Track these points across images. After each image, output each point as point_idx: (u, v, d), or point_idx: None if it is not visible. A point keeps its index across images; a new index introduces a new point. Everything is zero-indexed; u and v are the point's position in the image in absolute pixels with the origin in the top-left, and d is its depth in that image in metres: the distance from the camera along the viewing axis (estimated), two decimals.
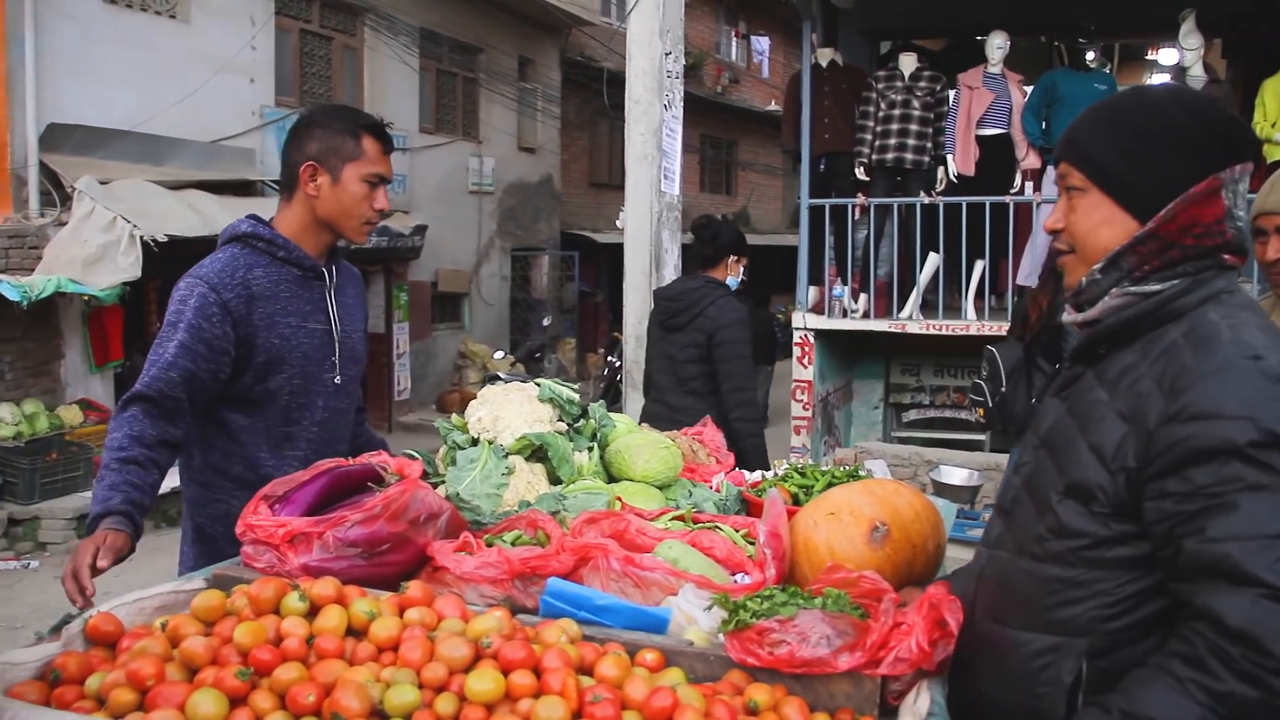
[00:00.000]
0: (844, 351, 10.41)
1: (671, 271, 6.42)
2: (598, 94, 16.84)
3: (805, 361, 9.67)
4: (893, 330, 9.61)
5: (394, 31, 14.95)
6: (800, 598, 1.84)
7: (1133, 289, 1.76)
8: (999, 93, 9.12)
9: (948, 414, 10.75)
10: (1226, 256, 1.75)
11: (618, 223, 6.63)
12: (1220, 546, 1.54)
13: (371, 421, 10.46)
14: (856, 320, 9.70)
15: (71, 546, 9.18)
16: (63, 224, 10.08)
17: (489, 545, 2.20)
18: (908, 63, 9.34)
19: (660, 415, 4.99)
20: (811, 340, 9.65)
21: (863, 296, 9.70)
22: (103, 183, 10.26)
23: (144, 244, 9.69)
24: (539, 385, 2.88)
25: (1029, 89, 9.27)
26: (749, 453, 4.79)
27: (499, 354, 16.42)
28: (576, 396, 2.92)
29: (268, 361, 2.83)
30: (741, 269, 5.28)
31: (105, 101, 10.85)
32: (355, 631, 1.76)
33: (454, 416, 2.82)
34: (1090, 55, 9.94)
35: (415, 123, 15.71)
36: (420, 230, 14.77)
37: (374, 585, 2.04)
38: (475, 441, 2.75)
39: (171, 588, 2.08)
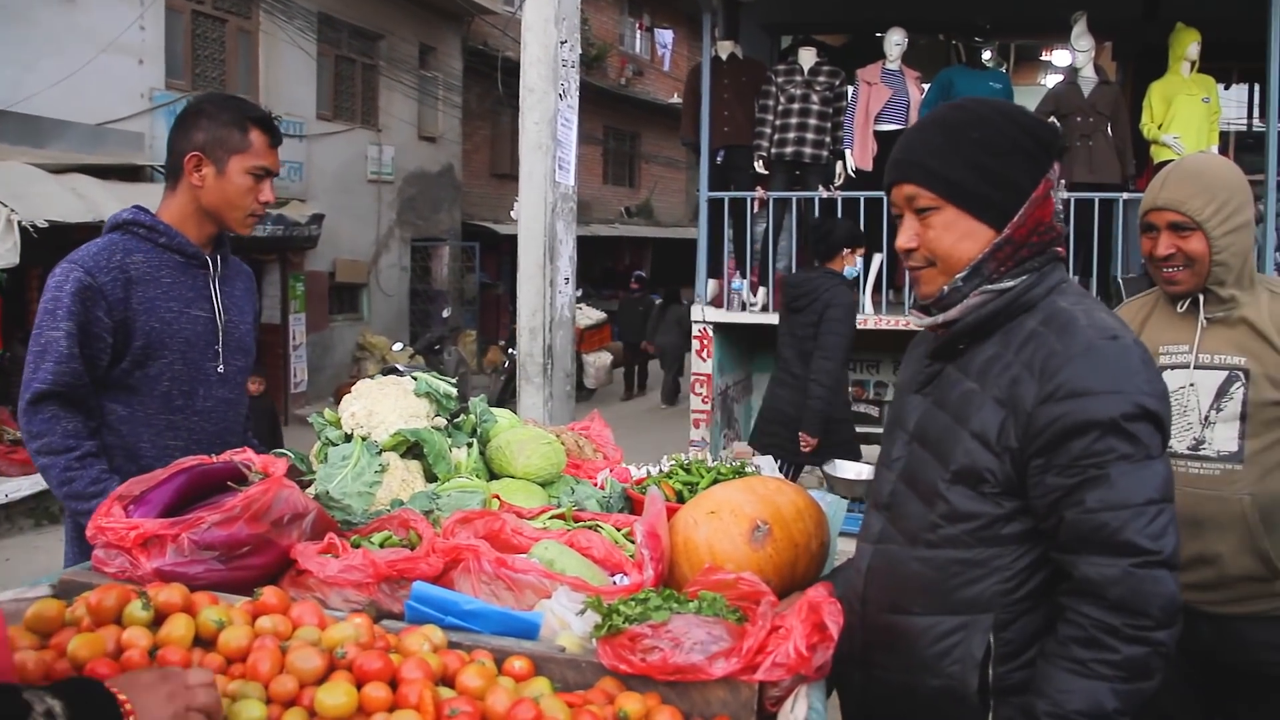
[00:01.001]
0: (744, 345, 10.42)
1: (565, 264, 6.34)
2: (499, 83, 16.66)
3: (704, 355, 9.65)
4: None
5: (290, 15, 14.59)
6: (675, 601, 1.78)
7: (989, 288, 1.88)
8: (897, 89, 9.19)
9: None
10: (1058, 249, 1.92)
11: (512, 214, 6.51)
12: (1097, 516, 1.70)
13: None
14: (756, 313, 9.70)
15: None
16: None
17: (355, 547, 2.11)
18: (807, 57, 9.36)
19: (785, 383, 6.32)
20: (710, 333, 9.63)
21: (762, 290, 9.71)
22: None
23: (23, 229, 9.30)
24: (416, 379, 2.79)
25: (926, 86, 9.37)
26: (809, 412, 6.05)
27: (398, 346, 16.14)
28: (454, 391, 2.83)
29: (146, 346, 2.77)
30: (858, 259, 6.43)
31: None
32: (204, 641, 1.65)
33: (326, 411, 2.72)
34: (986, 55, 10.08)
35: (313, 109, 15.36)
36: (317, 219, 14.46)
37: (233, 590, 1.94)
38: (349, 437, 2.64)
39: (13, 595, 1.96)
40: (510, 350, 15.49)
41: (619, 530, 2.41)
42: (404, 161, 17.59)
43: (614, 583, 2.14)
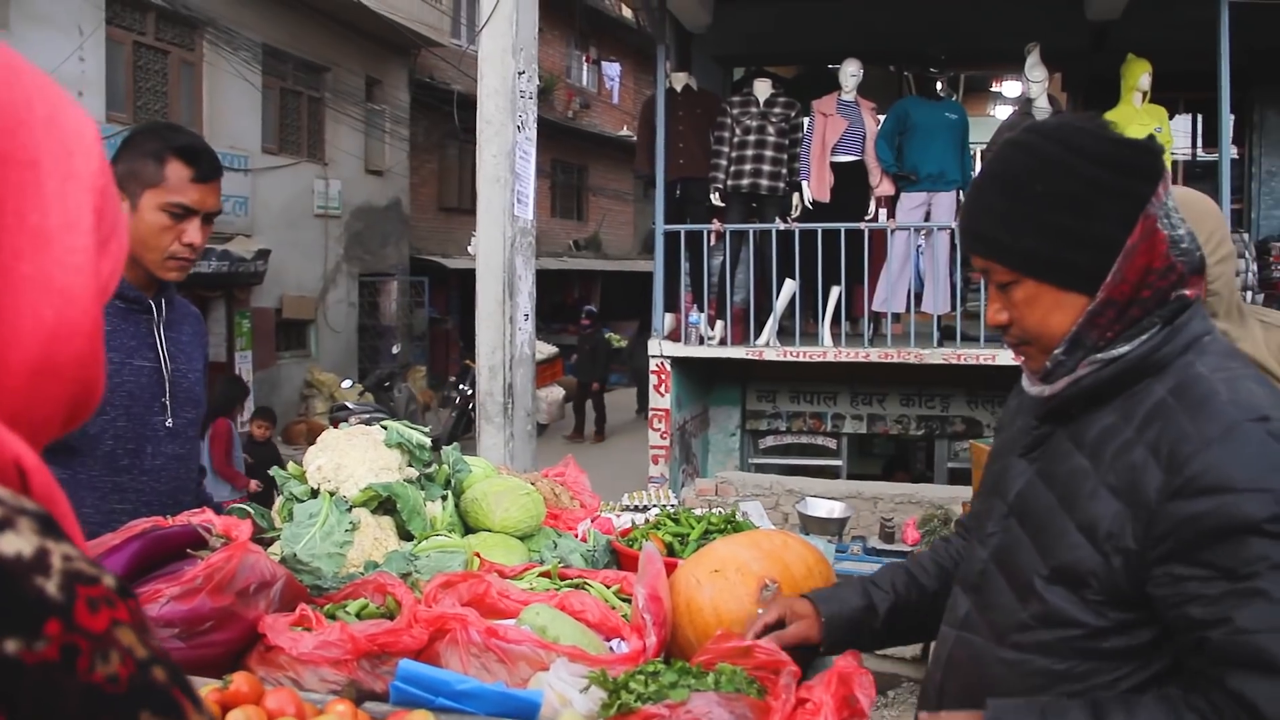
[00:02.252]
0: (700, 378, 10.32)
1: (525, 300, 6.18)
2: (447, 116, 16.48)
3: (662, 390, 9.53)
4: (750, 358, 9.56)
5: (235, 47, 14.35)
6: (690, 675, 1.62)
7: (1100, 356, 1.57)
8: (852, 120, 9.17)
9: (804, 440, 10.76)
10: (1187, 292, 1.56)
11: (469, 249, 6.35)
12: (1253, 639, 1.35)
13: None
14: (714, 347, 9.60)
15: None
16: None
17: (330, 618, 1.93)
18: (762, 89, 9.32)
19: None
20: (668, 368, 9.51)
21: (719, 323, 9.62)
22: None
23: None
24: (385, 428, 2.61)
25: (882, 117, 9.35)
26: None
27: (347, 383, 15.87)
28: (428, 441, 2.65)
29: None
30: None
31: None
32: None
33: (290, 465, 2.53)
34: (939, 85, 10.11)
35: (258, 143, 15.11)
36: (263, 255, 14.19)
37: (196, 670, 1.75)
38: (315, 493, 2.46)
39: None
40: (461, 385, 15.28)
41: (608, 588, 2.25)
42: (351, 195, 17.36)
43: (611, 649, 1.98)
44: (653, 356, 9.58)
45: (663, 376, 9.55)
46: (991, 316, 1.67)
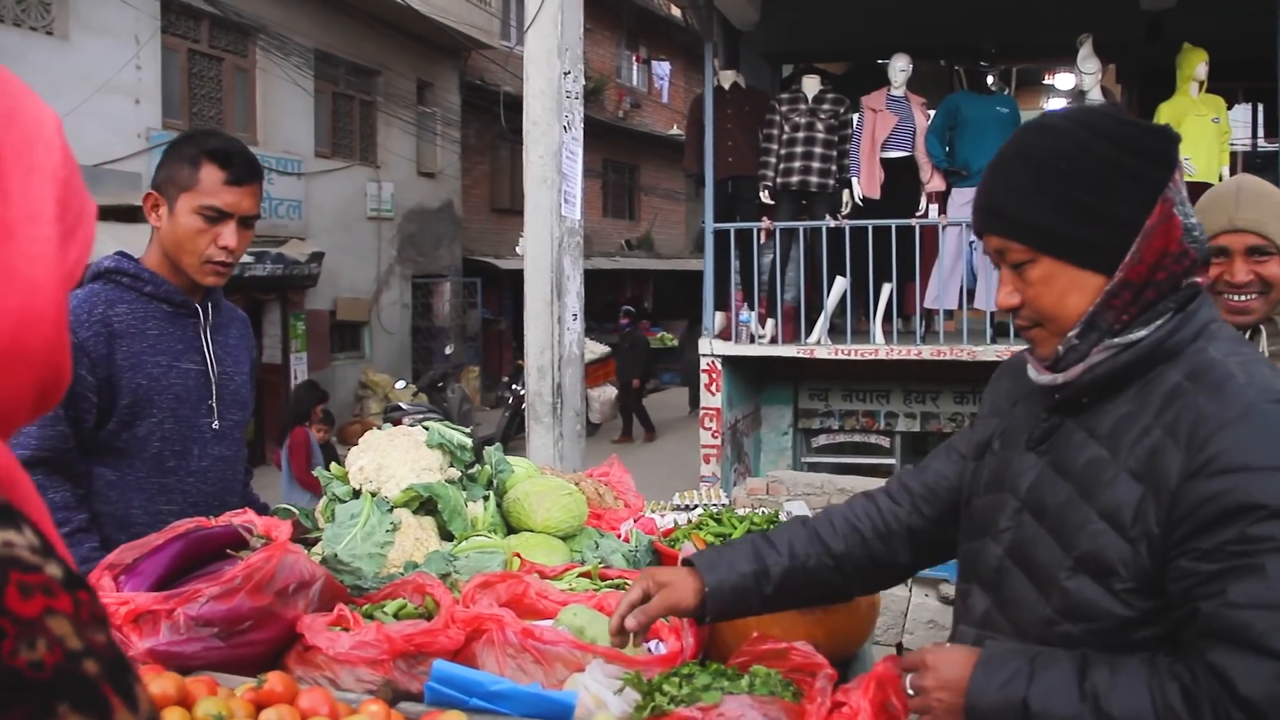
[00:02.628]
0: (752, 377, 10.26)
1: (573, 300, 6.18)
2: (499, 118, 16.58)
3: (713, 389, 9.48)
4: (801, 356, 9.49)
5: (287, 53, 14.51)
6: (725, 678, 1.61)
7: (1114, 341, 1.54)
8: (902, 115, 9.08)
9: (857, 438, 10.66)
10: (1197, 280, 1.55)
11: (517, 249, 6.37)
12: (1241, 614, 1.34)
13: (269, 456, 10.01)
14: (764, 346, 9.55)
15: None
16: None
17: (368, 618, 1.94)
18: (811, 85, 9.25)
19: None
20: (719, 367, 9.47)
21: (770, 322, 9.56)
22: None
23: None
24: (427, 429, 2.61)
25: (932, 112, 9.26)
26: None
27: (400, 384, 15.99)
28: (469, 441, 2.65)
29: (134, 404, 2.56)
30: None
31: None
32: None
33: (333, 465, 2.54)
34: (990, 79, 9.98)
35: (311, 147, 15.27)
36: (317, 257, 14.33)
37: (235, 669, 1.77)
38: (357, 493, 2.47)
39: None
40: (514, 385, 15.33)
41: None
42: (403, 198, 17.49)
43: (649, 650, 1.97)
44: (704, 355, 9.54)
45: (714, 375, 9.51)
46: (1003, 299, 1.62)
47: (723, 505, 3.13)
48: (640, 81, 27.35)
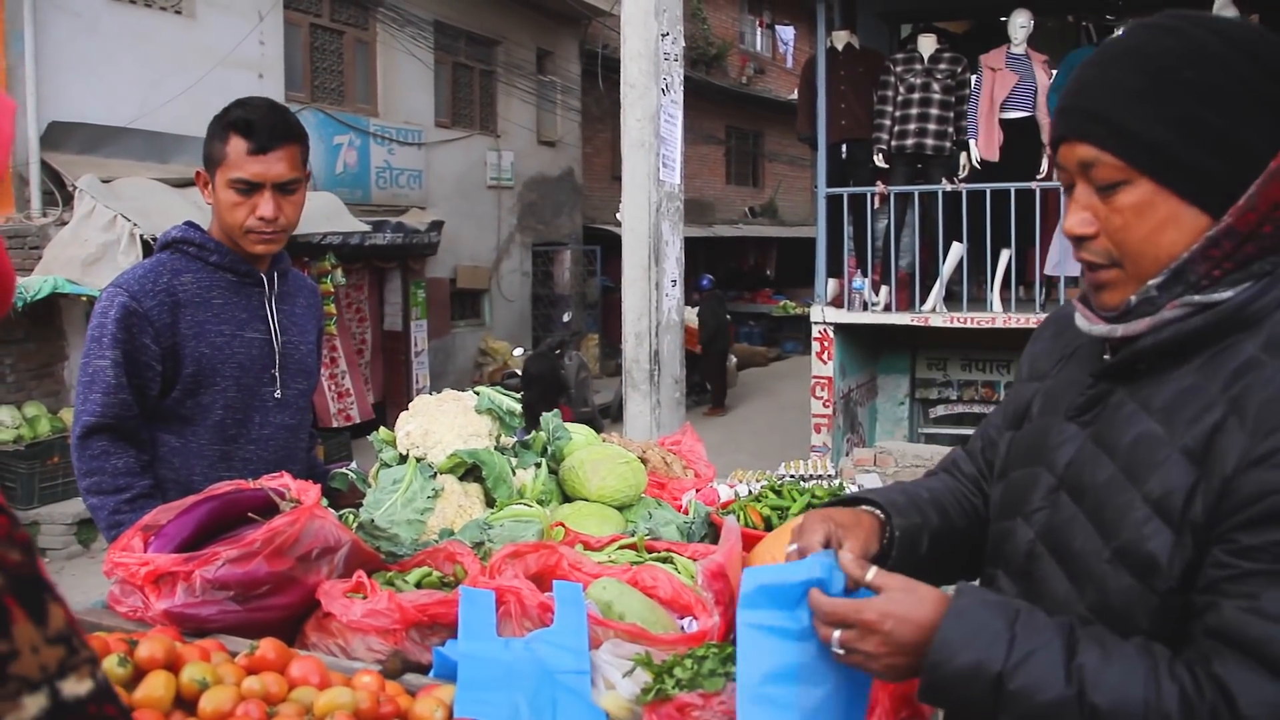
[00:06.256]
0: (867, 346, 10.05)
1: (672, 265, 6.09)
2: (617, 85, 16.51)
3: (825, 357, 9.31)
4: (915, 324, 9.25)
5: (407, 24, 14.66)
6: (734, 662, 1.51)
7: (1195, 299, 1.29)
8: (1023, 74, 8.72)
9: (976, 409, 10.36)
10: None
11: (617, 215, 6.30)
12: (1266, 626, 1.15)
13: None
14: (877, 313, 9.33)
15: (72, 552, 8.97)
16: (64, 224, 9.87)
17: (388, 585, 1.89)
18: (927, 44, 8.96)
19: None
20: (831, 335, 9.29)
21: (884, 289, 9.33)
22: (105, 181, 10.04)
23: (145, 243, 9.46)
24: (478, 394, 2.56)
25: (1055, 70, 8.86)
26: None
27: (518, 351, 16.09)
28: (518, 408, 2.59)
29: (197, 373, 2.59)
30: None
31: (109, 99, 10.62)
32: (187, 703, 1.44)
33: (382, 430, 2.51)
34: (1119, 33, 9.51)
35: (431, 117, 15.42)
36: (437, 226, 14.48)
37: (254, 633, 1.74)
38: (404, 459, 2.43)
39: None
40: None
41: (696, 562, 2.15)
42: (523, 167, 17.56)
43: (683, 628, 1.88)
44: (815, 323, 9.37)
45: (825, 344, 9.34)
46: (1075, 224, 1.36)
47: (827, 476, 3.01)
48: (764, 47, 26.96)
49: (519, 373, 14.04)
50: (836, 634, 1.28)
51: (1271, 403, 1.20)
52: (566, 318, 17.56)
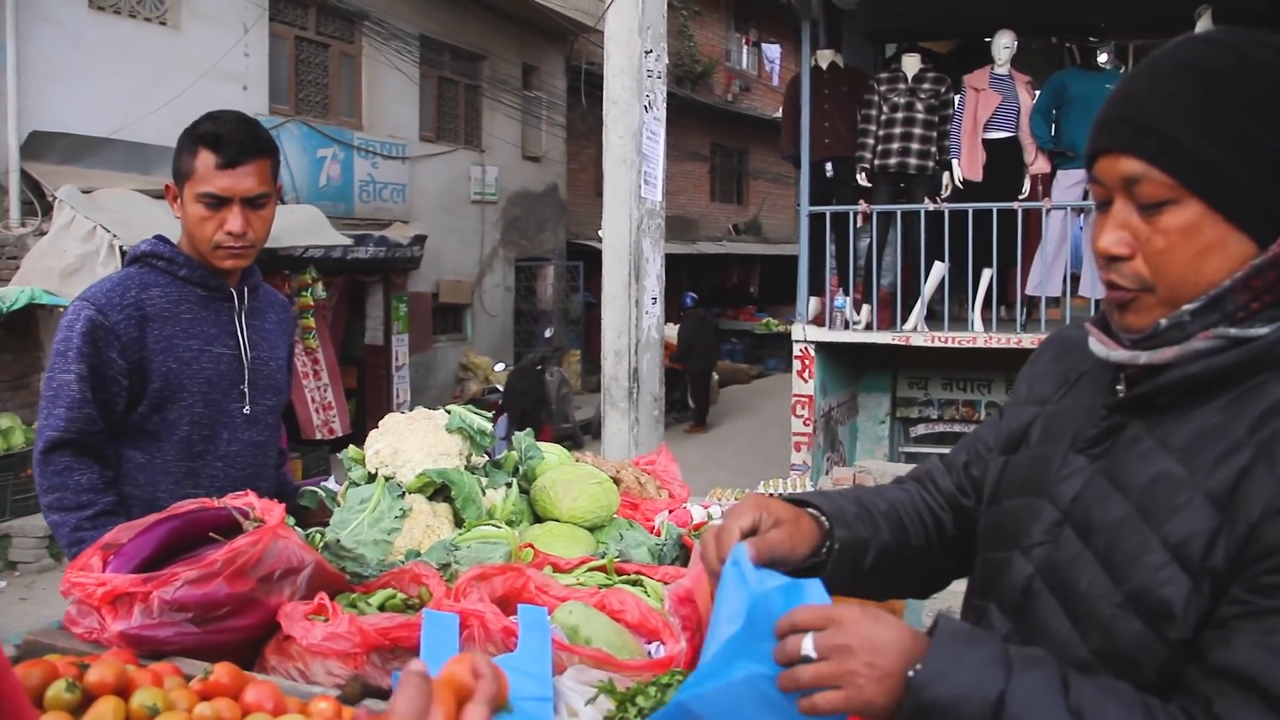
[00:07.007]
0: (848, 364, 10.04)
1: (653, 283, 6.07)
2: (603, 101, 16.51)
3: (805, 375, 9.30)
4: (897, 343, 9.25)
5: (393, 38, 14.66)
6: None
7: (1230, 331, 1.22)
8: (1006, 95, 8.76)
9: (957, 428, 10.36)
10: None
11: (599, 232, 6.28)
12: (1274, 666, 1.08)
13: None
14: (859, 332, 9.33)
15: (44, 566, 8.87)
16: (43, 234, 9.81)
17: (350, 608, 1.86)
18: (911, 64, 8.99)
19: None
20: (812, 353, 9.28)
21: (865, 307, 9.34)
22: (86, 192, 9.99)
23: (124, 254, 9.39)
24: (449, 413, 2.53)
25: (1038, 91, 8.91)
26: None
27: (499, 366, 16.07)
28: (489, 427, 2.56)
29: (164, 388, 2.56)
30: None
31: (91, 109, 10.58)
32: None
33: (352, 448, 2.48)
34: (1103, 56, 9.57)
35: (415, 131, 15.41)
36: (420, 240, 14.45)
37: (212, 656, 1.70)
38: (374, 477, 2.40)
39: None
40: None
41: (667, 585, 2.12)
42: (507, 182, 17.56)
43: (650, 654, 1.85)
44: (796, 342, 9.37)
45: (806, 362, 9.33)
46: (1112, 244, 1.27)
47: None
48: (750, 65, 27.06)
49: (500, 388, 14.01)
50: (808, 638, 1.18)
51: None
52: (548, 333, 17.54)
